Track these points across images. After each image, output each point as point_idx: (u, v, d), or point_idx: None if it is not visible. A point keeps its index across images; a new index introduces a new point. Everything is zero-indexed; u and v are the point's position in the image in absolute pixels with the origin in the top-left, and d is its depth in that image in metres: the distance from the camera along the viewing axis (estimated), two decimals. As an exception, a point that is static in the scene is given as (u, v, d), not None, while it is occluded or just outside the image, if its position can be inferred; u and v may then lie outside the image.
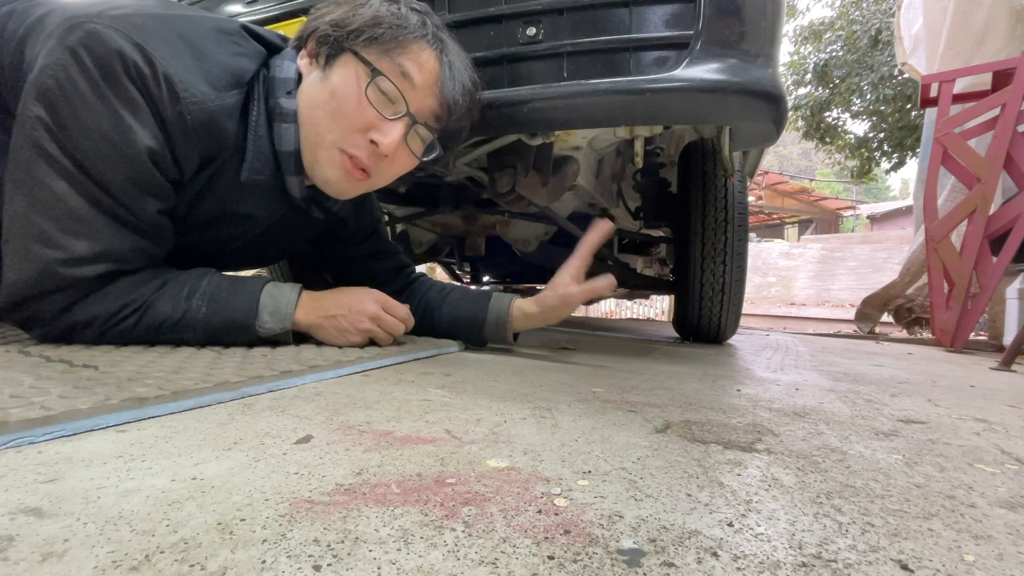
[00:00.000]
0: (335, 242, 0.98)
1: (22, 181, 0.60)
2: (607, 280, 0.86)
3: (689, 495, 0.34)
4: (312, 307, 0.76)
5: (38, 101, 0.60)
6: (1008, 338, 2.46)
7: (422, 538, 0.26)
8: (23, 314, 0.64)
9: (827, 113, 9.10)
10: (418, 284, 1.02)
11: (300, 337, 0.78)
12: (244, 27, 0.74)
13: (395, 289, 0.97)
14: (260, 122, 0.72)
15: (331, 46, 0.70)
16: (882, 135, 8.74)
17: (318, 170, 0.74)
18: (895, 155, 8.73)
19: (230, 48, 0.69)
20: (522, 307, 0.90)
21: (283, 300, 0.73)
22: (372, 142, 0.71)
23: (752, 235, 14.20)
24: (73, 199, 0.60)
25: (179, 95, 0.62)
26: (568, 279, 0.87)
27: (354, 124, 0.71)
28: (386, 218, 1.52)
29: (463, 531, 0.27)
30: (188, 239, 0.75)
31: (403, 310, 0.82)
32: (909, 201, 7.20)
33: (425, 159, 0.78)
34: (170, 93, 0.62)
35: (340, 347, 0.76)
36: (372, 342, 0.80)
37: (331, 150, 0.72)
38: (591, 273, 0.89)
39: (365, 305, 0.77)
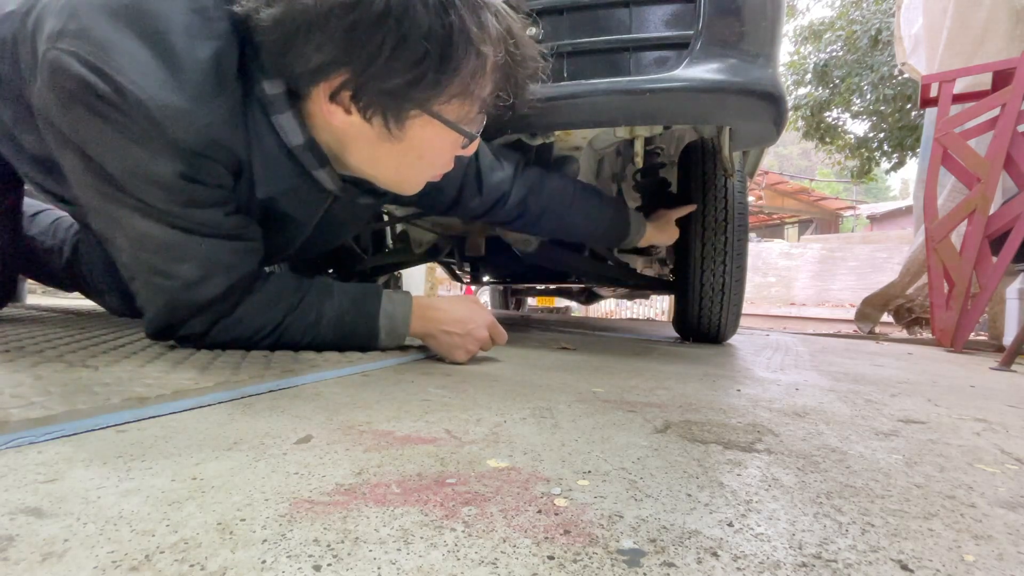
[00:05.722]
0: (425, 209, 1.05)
1: (112, 225, 0.61)
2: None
3: (689, 495, 0.34)
4: (427, 317, 0.80)
5: (66, 149, 0.59)
6: (1008, 338, 2.46)
7: (422, 538, 0.26)
8: (172, 336, 0.69)
9: (827, 113, 9.09)
10: (525, 181, 1.01)
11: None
12: None
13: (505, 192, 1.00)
14: (259, 119, 0.62)
15: (394, 109, 0.60)
16: (882, 135, 8.73)
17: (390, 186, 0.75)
18: (895, 155, 8.72)
19: (205, 31, 0.56)
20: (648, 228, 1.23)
21: (399, 319, 0.79)
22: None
23: (752, 235, 14.19)
24: (157, 230, 0.60)
25: (161, 123, 0.54)
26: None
27: (445, 166, 0.73)
28: (387, 217, 1.52)
29: (463, 531, 0.27)
30: None
31: (505, 337, 0.86)
32: (909, 201, 7.20)
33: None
34: (150, 121, 0.54)
35: (444, 359, 0.82)
36: None
37: (420, 184, 0.74)
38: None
39: (479, 331, 0.82)
